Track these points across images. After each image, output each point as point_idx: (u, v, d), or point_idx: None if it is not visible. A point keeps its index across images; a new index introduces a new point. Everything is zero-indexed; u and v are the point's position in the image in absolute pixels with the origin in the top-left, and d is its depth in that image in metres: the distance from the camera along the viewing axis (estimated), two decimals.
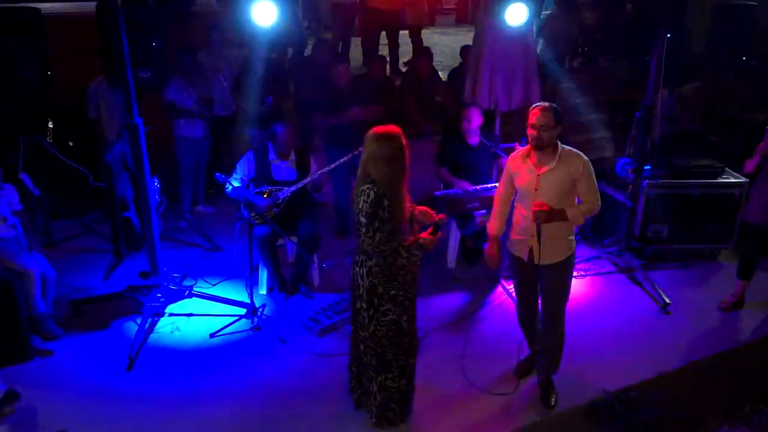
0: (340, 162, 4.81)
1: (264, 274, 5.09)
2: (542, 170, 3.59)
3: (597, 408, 3.91)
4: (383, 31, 8.75)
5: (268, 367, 4.26)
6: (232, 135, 6.43)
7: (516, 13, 5.25)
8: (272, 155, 4.93)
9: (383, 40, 8.85)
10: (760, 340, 4.71)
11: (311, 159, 5.11)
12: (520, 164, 3.70)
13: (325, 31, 9.36)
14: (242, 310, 4.70)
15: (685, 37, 6.00)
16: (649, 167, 5.40)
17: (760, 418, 4.42)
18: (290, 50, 8.01)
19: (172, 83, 5.71)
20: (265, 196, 4.84)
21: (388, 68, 8.13)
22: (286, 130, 4.87)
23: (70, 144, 6.04)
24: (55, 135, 5.92)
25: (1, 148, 5.35)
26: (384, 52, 8.63)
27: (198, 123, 5.93)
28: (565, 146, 3.63)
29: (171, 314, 4.75)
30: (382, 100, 6.25)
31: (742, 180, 5.47)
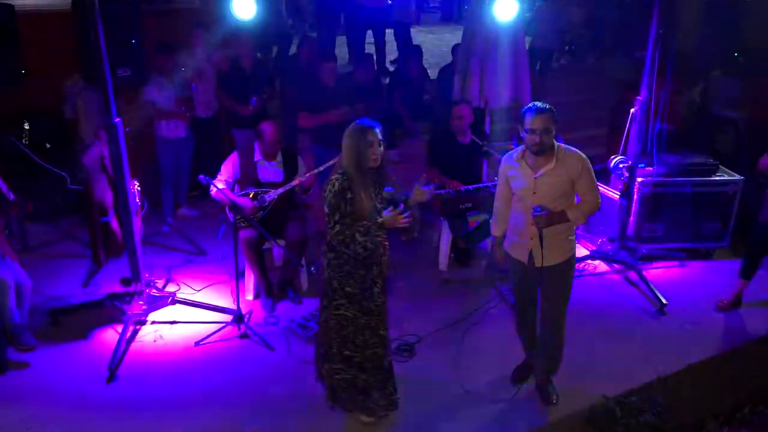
0: (329, 164, 4.65)
1: (250, 279, 4.94)
2: (539, 172, 3.46)
3: (597, 413, 3.82)
4: (369, 30, 8.63)
5: (255, 376, 4.11)
6: (216, 135, 6.29)
7: (505, 8, 5.16)
8: (258, 156, 4.78)
9: (369, 38, 8.73)
10: (759, 341, 4.64)
11: (299, 160, 4.96)
12: (515, 167, 3.56)
13: (310, 30, 9.22)
14: (228, 317, 4.56)
15: (676, 33, 5.94)
16: (643, 165, 5.31)
17: (759, 420, 4.36)
18: (275, 49, 7.87)
19: (153, 82, 5.55)
20: (251, 198, 4.69)
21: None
22: (274, 130, 4.72)
23: (47, 146, 5.87)
24: (31, 137, 5.75)
25: None
26: (370, 51, 8.50)
27: (180, 123, 5.78)
28: (562, 145, 3.51)
29: (153, 322, 4.59)
30: (370, 99, 6.14)
31: (736, 177, 5.44)
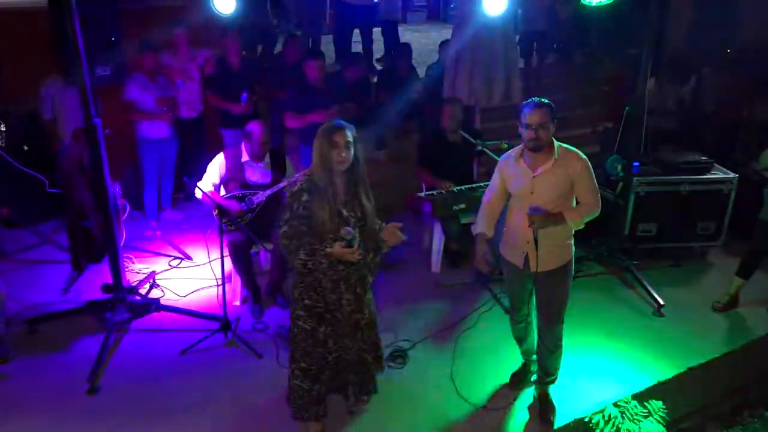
0: None
1: (237, 284, 4.79)
2: (538, 172, 3.35)
3: (597, 422, 3.72)
4: (356, 29, 8.53)
5: (243, 385, 3.96)
6: (201, 136, 6.15)
7: (494, 3, 5.07)
8: (246, 157, 4.62)
9: (356, 37, 8.63)
10: (757, 343, 4.57)
11: (288, 161, 4.82)
12: (513, 166, 3.44)
13: (295, 28, 9.09)
14: (214, 324, 4.39)
15: (668, 29, 5.92)
16: (637, 164, 5.23)
17: (759, 423, 4.31)
18: (260, 47, 7.74)
19: (133, 82, 5.42)
20: (238, 201, 4.55)
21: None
22: (262, 130, 4.57)
23: (24, 148, 5.69)
24: (7, 138, 5.54)
25: None
26: (356, 50, 8.41)
27: (162, 124, 5.63)
28: (562, 144, 3.39)
29: (137, 330, 4.44)
30: (358, 98, 6.02)
31: (731, 175, 5.38)
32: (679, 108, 6.75)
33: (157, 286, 4.99)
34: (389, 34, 8.81)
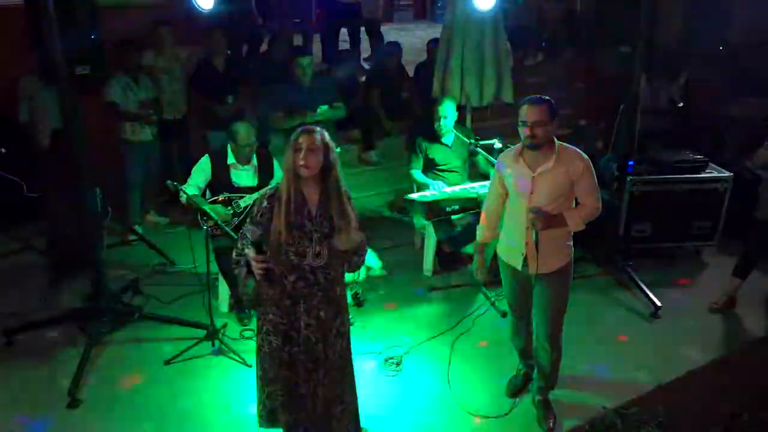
0: None
1: (224, 290, 4.67)
2: (538, 171, 3.24)
3: (597, 428, 3.62)
4: (343, 28, 8.43)
5: (231, 395, 3.83)
6: (186, 138, 6.01)
7: None
8: (232, 159, 4.49)
9: (343, 36, 8.54)
10: (756, 344, 4.52)
11: (276, 163, 4.68)
12: (512, 165, 3.33)
13: (281, 27, 8.95)
14: (201, 332, 4.26)
15: (659, 26, 5.87)
16: (632, 163, 5.16)
17: (759, 427, 4.25)
18: (245, 47, 7.60)
19: (115, 82, 5.27)
20: (223, 204, 4.42)
21: None
22: (249, 131, 4.44)
23: (1, 151, 5.53)
24: None
25: None
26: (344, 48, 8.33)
27: (145, 126, 5.49)
28: (563, 143, 3.29)
29: (119, 340, 4.28)
30: (347, 98, 5.90)
31: (726, 174, 5.32)
32: (670, 106, 6.69)
33: (141, 293, 4.84)
34: (370, 34, 8.75)
